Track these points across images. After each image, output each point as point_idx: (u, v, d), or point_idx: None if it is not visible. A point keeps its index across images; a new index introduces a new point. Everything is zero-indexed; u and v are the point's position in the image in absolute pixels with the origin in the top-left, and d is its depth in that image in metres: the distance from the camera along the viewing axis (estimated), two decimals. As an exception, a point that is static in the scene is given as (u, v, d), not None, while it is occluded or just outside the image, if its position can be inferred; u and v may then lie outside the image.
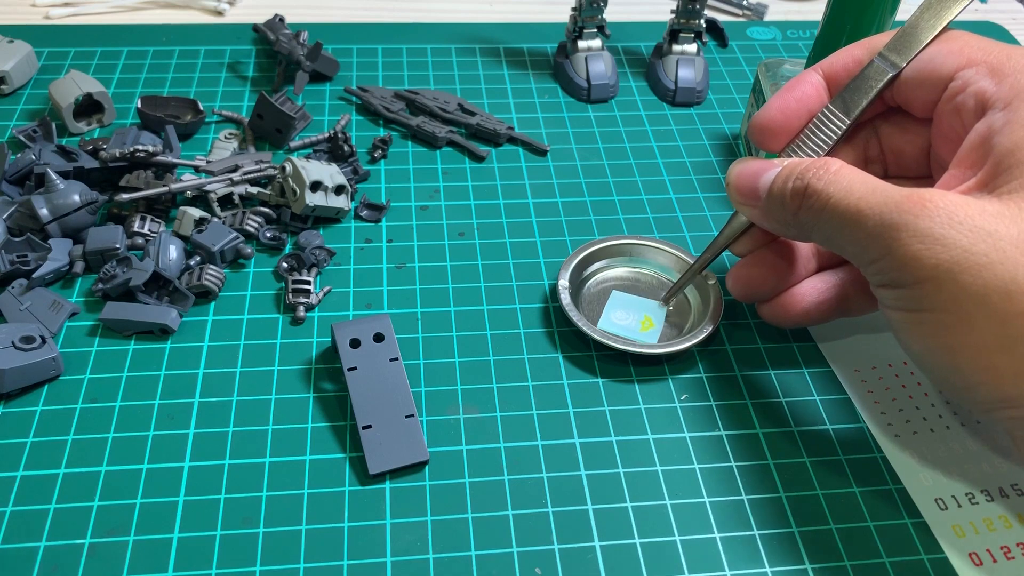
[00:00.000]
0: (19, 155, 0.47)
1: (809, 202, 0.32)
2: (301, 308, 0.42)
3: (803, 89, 0.36)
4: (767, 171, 0.35)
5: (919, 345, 0.31)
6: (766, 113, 0.37)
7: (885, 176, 0.38)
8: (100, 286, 0.42)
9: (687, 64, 0.59)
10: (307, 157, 0.48)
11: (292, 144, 0.52)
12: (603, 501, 0.35)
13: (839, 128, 0.35)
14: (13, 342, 0.38)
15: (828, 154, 0.36)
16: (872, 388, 0.40)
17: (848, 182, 0.31)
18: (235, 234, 0.44)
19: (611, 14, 0.61)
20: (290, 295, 0.42)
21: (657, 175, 0.52)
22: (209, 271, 0.43)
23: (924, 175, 0.38)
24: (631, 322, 0.41)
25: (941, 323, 0.29)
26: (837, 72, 0.36)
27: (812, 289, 0.38)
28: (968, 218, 0.29)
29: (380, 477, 0.36)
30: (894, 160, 0.38)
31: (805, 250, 0.39)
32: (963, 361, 0.30)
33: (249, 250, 0.45)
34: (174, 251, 0.43)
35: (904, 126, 0.37)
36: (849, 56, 0.36)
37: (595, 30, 0.59)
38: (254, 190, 0.47)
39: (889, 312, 0.32)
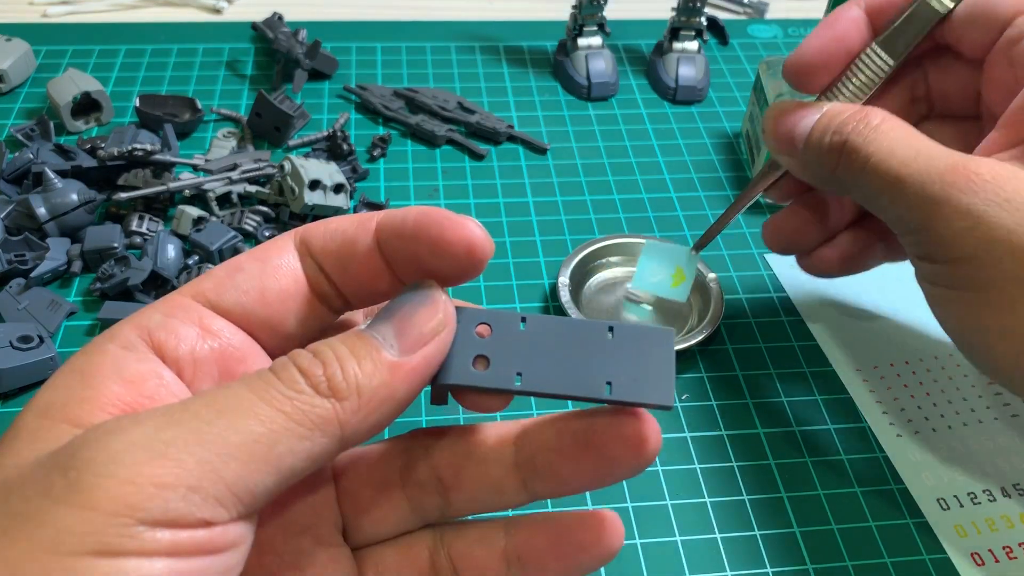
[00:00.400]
0: (17, 154, 0.47)
1: (847, 160, 0.30)
2: (300, 307, 0.42)
3: (843, 26, 0.33)
4: (806, 117, 0.32)
5: (954, 323, 0.30)
6: (803, 53, 0.33)
7: (930, 116, 0.36)
8: (98, 285, 0.41)
9: (688, 62, 0.58)
10: (306, 156, 0.48)
11: (291, 143, 0.52)
12: (604, 502, 0.35)
13: (883, 70, 0.33)
14: (11, 342, 0.38)
15: (871, 97, 0.34)
16: (874, 388, 0.40)
17: (890, 142, 0.29)
18: (234, 233, 0.44)
19: (611, 12, 0.60)
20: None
21: (658, 173, 0.52)
22: (207, 270, 0.42)
23: (972, 115, 0.35)
24: (663, 277, 0.40)
25: (979, 303, 0.28)
26: (880, 7, 0.33)
27: (854, 239, 0.36)
28: (1016, 194, 0.27)
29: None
30: (941, 100, 0.35)
31: (843, 199, 0.36)
32: (1001, 344, 0.28)
33: (248, 249, 0.45)
34: (172, 250, 0.43)
35: (953, 67, 0.34)
36: None
37: (595, 28, 0.59)
38: (252, 189, 0.47)
39: (924, 284, 0.30)
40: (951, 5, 0.32)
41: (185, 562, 0.18)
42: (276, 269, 0.24)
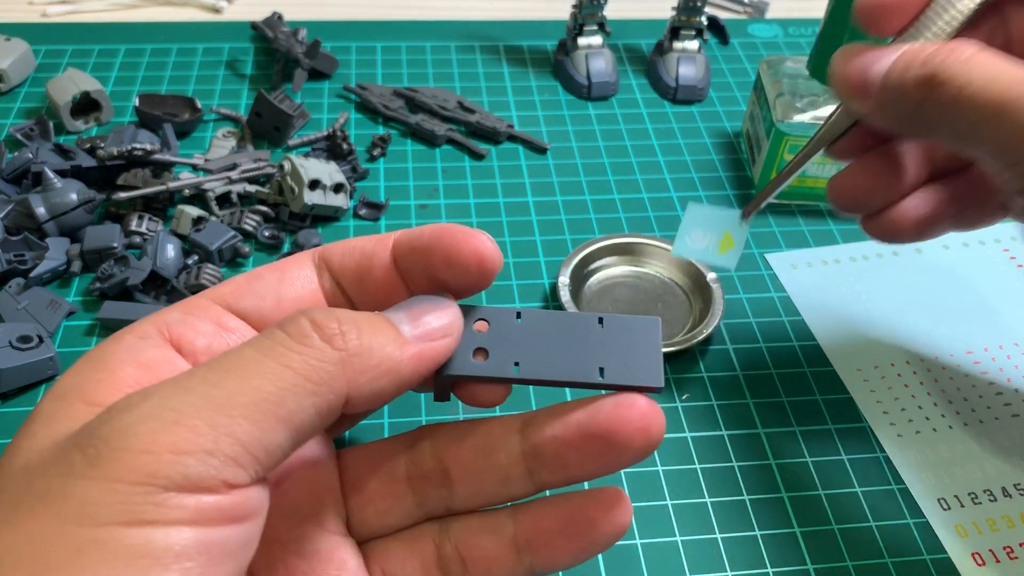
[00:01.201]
0: (16, 153, 0.47)
1: (938, 92, 0.27)
2: (300, 307, 0.42)
3: None
4: (881, 58, 0.29)
5: None
6: None
7: None
8: (98, 285, 0.41)
9: (688, 61, 0.58)
10: (305, 155, 0.48)
11: (290, 142, 0.52)
12: (604, 501, 0.35)
13: (965, 8, 0.30)
14: (10, 341, 0.37)
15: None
16: (875, 388, 0.40)
17: (986, 68, 0.26)
18: (233, 233, 0.44)
19: (611, 11, 0.60)
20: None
21: (658, 173, 0.52)
22: (207, 270, 0.42)
23: None
24: (710, 243, 0.36)
25: None
26: None
27: (925, 200, 0.34)
28: None
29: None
30: (1023, 52, 0.32)
31: (917, 154, 0.34)
32: None
33: (247, 249, 0.45)
34: (172, 250, 0.43)
35: None
36: None
37: (595, 27, 0.59)
38: (252, 188, 0.47)
39: None
40: None
41: (210, 531, 0.18)
42: (294, 279, 0.25)
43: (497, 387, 0.26)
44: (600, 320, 0.26)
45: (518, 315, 0.26)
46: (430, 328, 0.23)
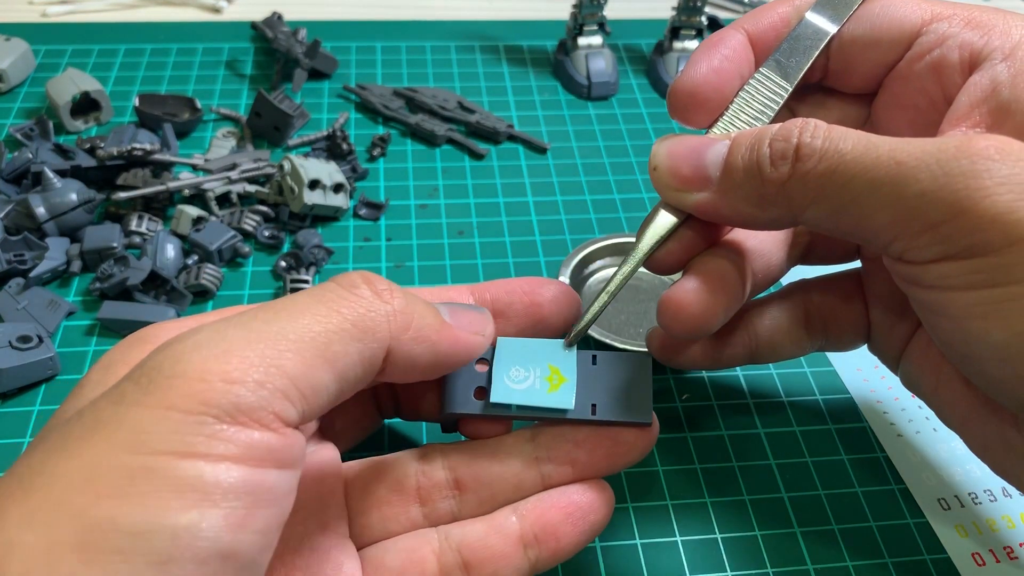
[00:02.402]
0: (16, 153, 0.47)
1: (807, 166, 0.24)
2: (300, 307, 0.42)
3: (731, 47, 0.29)
4: (712, 144, 0.27)
5: (1004, 332, 0.23)
6: (694, 74, 0.28)
7: None
8: (97, 285, 0.41)
9: (688, 61, 0.58)
10: (305, 155, 0.48)
11: (290, 142, 0.52)
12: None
13: (779, 94, 0.29)
14: (10, 341, 0.37)
15: None
16: (875, 387, 0.40)
17: (859, 136, 0.24)
18: (233, 233, 0.44)
19: (611, 11, 0.60)
20: (288, 294, 0.42)
21: (657, 173, 0.52)
22: (207, 270, 0.42)
23: None
24: (532, 381, 0.28)
25: None
26: (764, 32, 0.30)
27: (777, 313, 0.33)
28: None
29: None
30: None
31: (763, 258, 0.31)
32: None
33: (247, 249, 0.45)
34: (172, 250, 0.43)
35: (824, 103, 0.31)
36: (775, 15, 0.30)
37: (596, 27, 0.59)
38: (252, 188, 0.47)
39: (952, 295, 0.23)
40: (839, 23, 0.29)
41: (257, 472, 0.19)
42: None
43: (497, 423, 0.28)
44: (593, 358, 0.28)
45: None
46: (466, 321, 0.25)
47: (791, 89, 0.29)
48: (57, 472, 0.18)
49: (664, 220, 0.28)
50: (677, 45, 0.59)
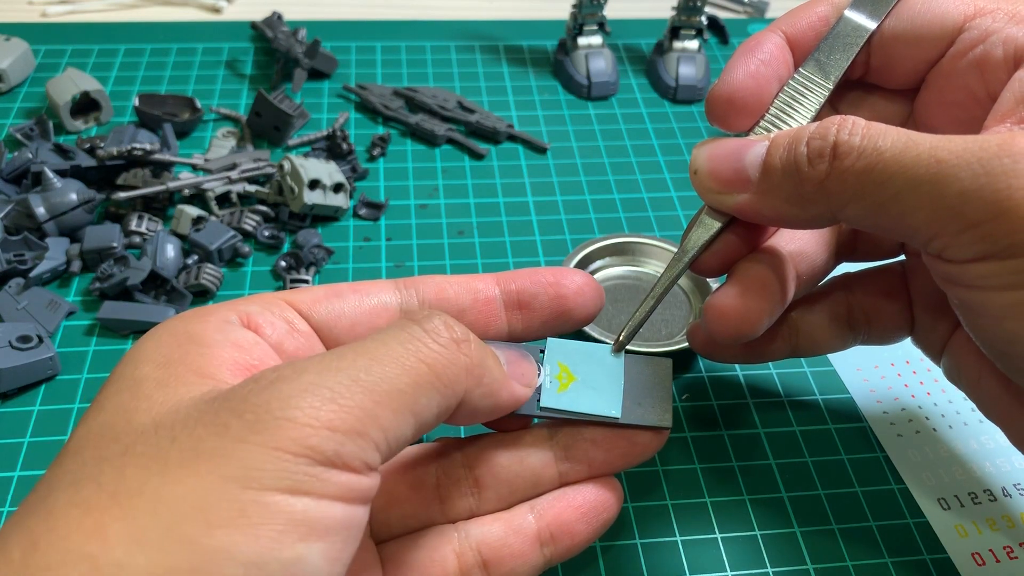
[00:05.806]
0: (16, 153, 0.47)
1: (845, 163, 0.24)
2: (300, 307, 0.42)
3: (768, 50, 0.29)
4: (751, 146, 0.27)
5: None
6: (732, 80, 0.28)
7: None
8: (97, 285, 0.41)
9: (688, 61, 0.58)
10: (305, 155, 0.48)
11: (290, 142, 0.52)
12: (604, 501, 0.35)
13: (820, 94, 0.29)
14: (10, 341, 0.37)
15: None
16: (874, 387, 0.40)
17: (899, 133, 0.23)
18: (233, 233, 0.44)
19: (611, 11, 0.60)
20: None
21: (658, 173, 0.52)
22: (207, 270, 0.42)
23: None
24: (580, 386, 0.29)
25: None
26: (802, 32, 0.30)
27: (819, 309, 0.33)
28: None
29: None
30: None
31: (807, 259, 0.31)
32: None
33: (247, 249, 0.45)
34: (171, 250, 0.43)
35: (866, 100, 0.31)
36: (813, 14, 0.30)
37: (595, 27, 0.59)
38: (252, 188, 0.47)
39: (991, 295, 0.23)
40: (878, 19, 0.29)
41: (352, 509, 0.20)
42: (374, 307, 0.27)
43: (520, 418, 0.28)
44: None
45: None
46: (519, 372, 0.26)
47: (832, 88, 0.29)
48: (161, 496, 0.18)
49: (708, 224, 0.29)
50: (677, 45, 0.59)
